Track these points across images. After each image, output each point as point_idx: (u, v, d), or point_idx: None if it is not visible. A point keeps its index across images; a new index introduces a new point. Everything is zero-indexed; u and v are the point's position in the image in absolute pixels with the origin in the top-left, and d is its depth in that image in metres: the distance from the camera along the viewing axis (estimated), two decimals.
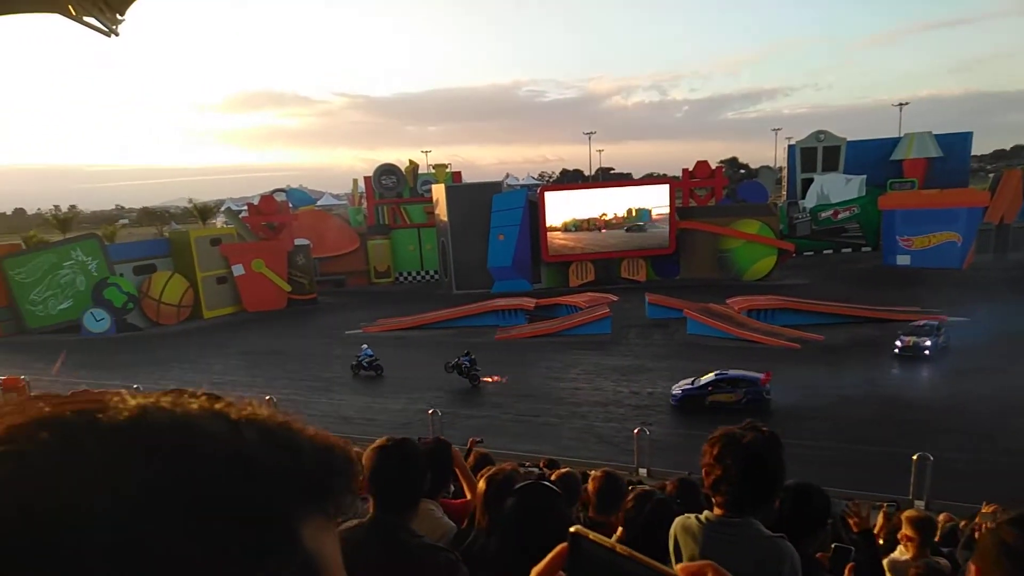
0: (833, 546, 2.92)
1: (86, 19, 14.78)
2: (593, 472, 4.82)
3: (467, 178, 51.86)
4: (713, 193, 45.06)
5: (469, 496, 3.66)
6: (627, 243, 40.81)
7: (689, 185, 44.64)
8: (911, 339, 22.85)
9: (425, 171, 50.90)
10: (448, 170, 50.82)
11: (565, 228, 40.74)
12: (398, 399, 21.09)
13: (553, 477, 4.78)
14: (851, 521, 3.43)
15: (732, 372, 18.85)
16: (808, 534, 2.71)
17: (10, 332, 35.25)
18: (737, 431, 2.17)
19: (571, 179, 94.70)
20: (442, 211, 42.65)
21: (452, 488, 4.39)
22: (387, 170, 48.46)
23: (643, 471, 14.16)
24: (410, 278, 47.56)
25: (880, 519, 5.26)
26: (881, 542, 4.75)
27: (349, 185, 59.78)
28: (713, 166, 46.79)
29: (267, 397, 17.28)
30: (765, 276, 38.68)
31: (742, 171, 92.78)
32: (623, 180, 65.54)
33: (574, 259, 40.95)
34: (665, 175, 53.08)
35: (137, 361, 28.03)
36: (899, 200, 42.13)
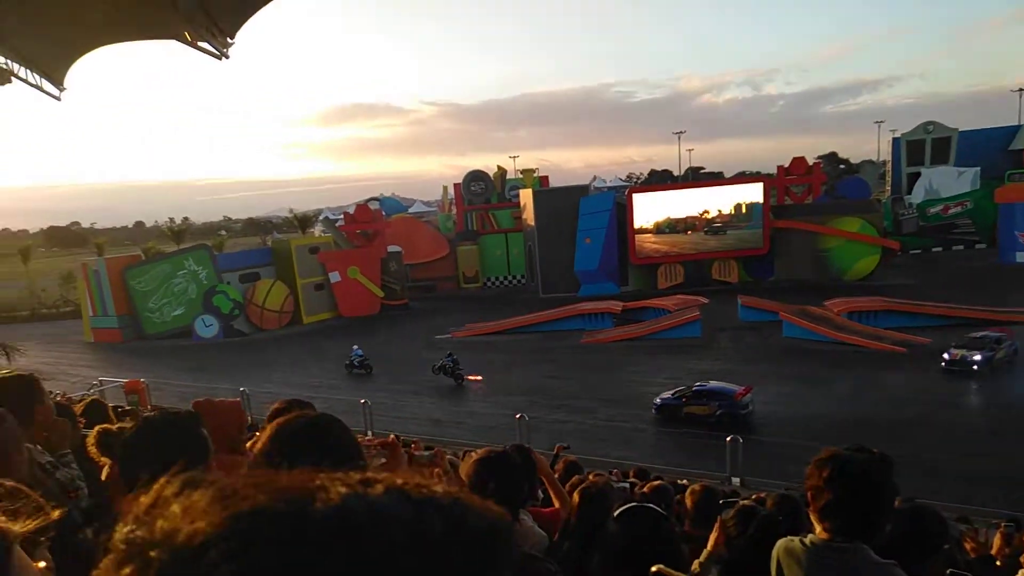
0: (948, 572, 2.74)
1: (200, 44, 15.86)
2: (691, 485, 4.70)
3: (554, 181, 51.94)
4: (810, 190, 43.16)
5: (557, 504, 3.63)
6: (718, 244, 39.78)
7: (784, 183, 42.93)
8: (959, 352, 21.02)
9: (513, 176, 51.37)
10: (536, 175, 51.10)
11: (658, 229, 40.12)
12: (485, 403, 21.34)
13: (646, 489, 4.69)
14: (968, 546, 3.21)
15: (710, 385, 18.85)
16: (921, 560, 2.55)
17: (130, 338, 38.08)
18: (846, 453, 2.07)
19: (660, 180, 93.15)
20: (529, 216, 42.92)
21: (541, 496, 4.38)
22: (476, 176, 49.26)
23: (736, 480, 13.73)
24: (498, 283, 48.05)
25: (998, 540, 4.88)
26: (999, 564, 4.41)
27: (439, 192, 60.99)
28: (811, 162, 44.77)
29: (361, 400, 17.93)
30: (868, 276, 36.77)
31: (842, 167, 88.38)
32: (714, 179, 63.82)
33: (663, 261, 40.25)
34: (759, 173, 51.43)
35: (243, 364, 29.66)
36: (1020, 193, 39.05)
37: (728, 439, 14.48)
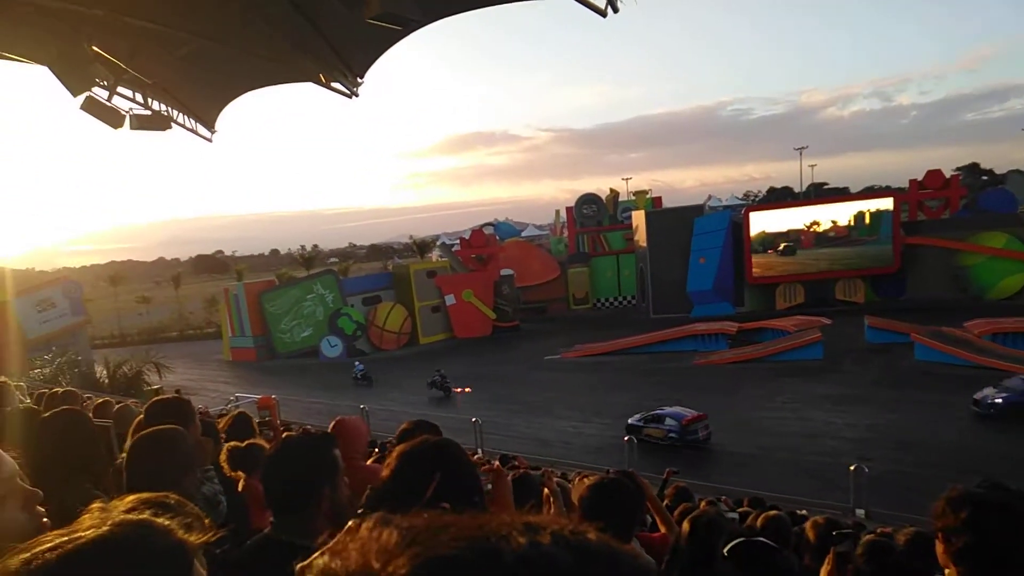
0: None
1: (333, 85, 17.33)
2: (813, 517, 4.57)
3: (668, 202, 51.32)
4: (947, 204, 40.09)
5: (664, 530, 3.65)
6: (842, 262, 37.77)
7: (918, 197, 40.18)
8: (987, 391, 18.66)
9: (625, 198, 51.24)
10: (648, 196, 50.78)
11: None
12: (592, 424, 21.31)
13: (760, 521, 4.59)
14: None
15: (667, 410, 19.00)
16: None
17: (263, 357, 40.99)
18: (983, 491, 1.89)
19: (779, 197, 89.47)
20: (641, 237, 42.62)
21: (648, 521, 4.35)
22: (588, 199, 49.58)
23: (860, 512, 13.00)
24: (608, 304, 47.84)
25: None
26: None
27: (552, 216, 61.74)
28: (948, 174, 41.66)
29: (472, 419, 18.45)
30: (1016, 295, 33.65)
31: (984, 178, 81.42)
32: (838, 195, 60.60)
33: (782, 280, 38.66)
34: (889, 187, 48.51)
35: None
36: None
37: (852, 467, 13.74)
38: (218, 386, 33.39)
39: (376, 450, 6.93)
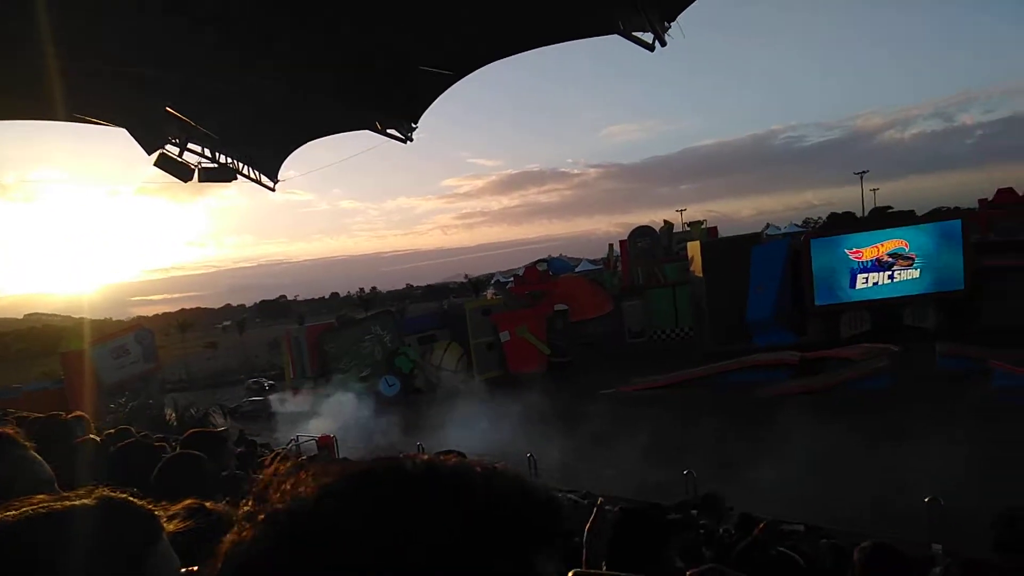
0: None
1: (388, 131, 17.96)
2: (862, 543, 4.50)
3: (724, 232, 50.64)
4: None
5: None
6: (912, 285, 36.51)
7: (989, 215, 38.68)
8: None
9: (680, 230, 50.84)
10: (703, 226, 50.23)
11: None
12: (649, 460, 20.80)
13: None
14: None
15: None
16: None
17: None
18: None
19: (840, 223, 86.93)
20: (697, 267, 42.12)
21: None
22: (641, 232, 49.37)
23: (937, 547, 12.37)
24: (664, 335, 47.05)
25: None
26: None
27: (605, 250, 61.62)
28: (1021, 192, 40.07)
29: (527, 455, 18.45)
30: None
31: None
32: (902, 219, 58.60)
33: (846, 308, 37.54)
34: (957, 208, 46.94)
35: (420, 421, 31.49)
36: None
37: (927, 499, 13.17)
38: (279, 427, 34.19)
39: None
